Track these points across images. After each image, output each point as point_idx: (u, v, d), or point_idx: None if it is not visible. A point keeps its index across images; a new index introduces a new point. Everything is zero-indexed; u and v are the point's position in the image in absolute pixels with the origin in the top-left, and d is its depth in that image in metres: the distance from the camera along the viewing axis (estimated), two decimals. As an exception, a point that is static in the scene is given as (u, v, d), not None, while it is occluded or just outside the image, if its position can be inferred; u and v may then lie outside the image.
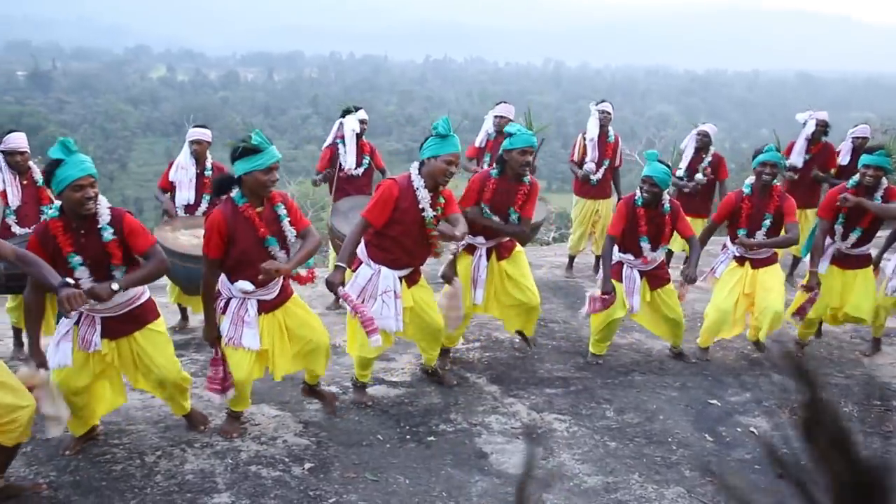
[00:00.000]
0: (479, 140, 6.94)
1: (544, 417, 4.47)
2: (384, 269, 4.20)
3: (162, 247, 4.84)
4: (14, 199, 4.97)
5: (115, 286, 3.38)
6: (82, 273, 3.43)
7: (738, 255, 5.33)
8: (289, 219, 3.78)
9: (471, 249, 4.88)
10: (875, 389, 5.08)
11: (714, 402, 4.88)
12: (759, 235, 5.18)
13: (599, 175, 7.21)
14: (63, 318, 3.59)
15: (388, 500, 3.49)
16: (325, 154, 6.33)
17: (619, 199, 7.35)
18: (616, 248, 5.08)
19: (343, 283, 3.97)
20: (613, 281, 5.06)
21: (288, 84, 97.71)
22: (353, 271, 4.29)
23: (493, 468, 3.86)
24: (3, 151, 4.96)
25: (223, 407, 4.36)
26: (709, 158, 7.08)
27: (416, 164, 4.17)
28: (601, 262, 5.17)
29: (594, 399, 4.78)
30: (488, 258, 4.87)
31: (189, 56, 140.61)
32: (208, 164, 5.76)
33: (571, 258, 7.88)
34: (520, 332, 5.31)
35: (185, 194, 5.64)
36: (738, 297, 5.31)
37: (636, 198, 4.95)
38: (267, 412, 4.31)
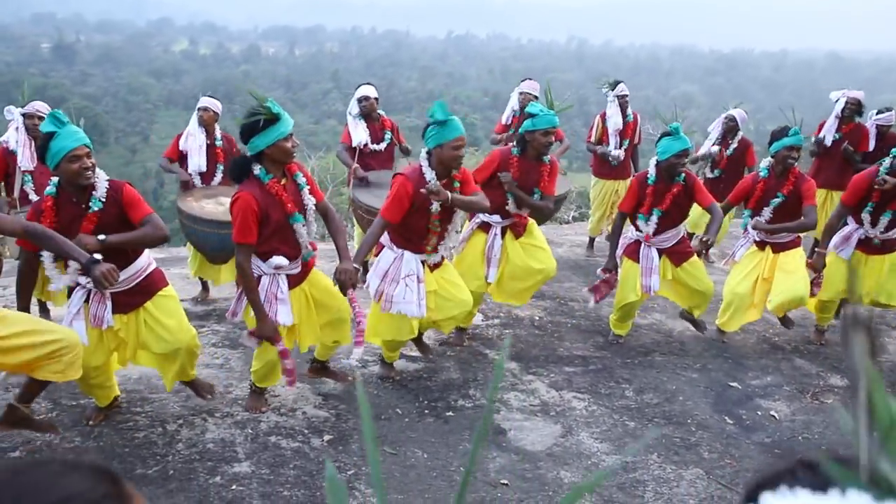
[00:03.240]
0: (506, 117, 6.91)
1: (563, 395, 4.47)
2: (407, 254, 4.19)
3: (191, 216, 4.90)
4: (26, 161, 5.01)
5: (101, 237, 3.35)
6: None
7: (758, 239, 5.25)
8: (308, 188, 3.76)
9: (485, 227, 4.86)
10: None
11: (734, 384, 4.85)
12: (766, 213, 5.07)
13: (621, 155, 7.14)
14: (73, 294, 3.56)
15: (406, 474, 3.51)
16: (349, 127, 6.30)
17: None
18: (632, 228, 5.05)
19: (354, 285, 3.81)
20: (630, 261, 5.03)
21: (309, 58, 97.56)
22: (376, 255, 4.29)
23: (511, 444, 3.87)
24: (23, 114, 5.01)
25: (242, 378, 4.40)
26: (734, 144, 6.95)
27: (424, 155, 4.11)
28: (612, 237, 5.12)
29: (613, 378, 4.77)
30: (503, 237, 4.85)
31: (211, 29, 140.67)
32: (217, 133, 5.79)
33: (591, 239, 7.84)
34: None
35: (196, 160, 5.65)
36: (756, 281, 5.22)
37: (649, 176, 4.89)
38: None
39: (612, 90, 7.01)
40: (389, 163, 6.31)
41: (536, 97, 6.67)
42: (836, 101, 6.85)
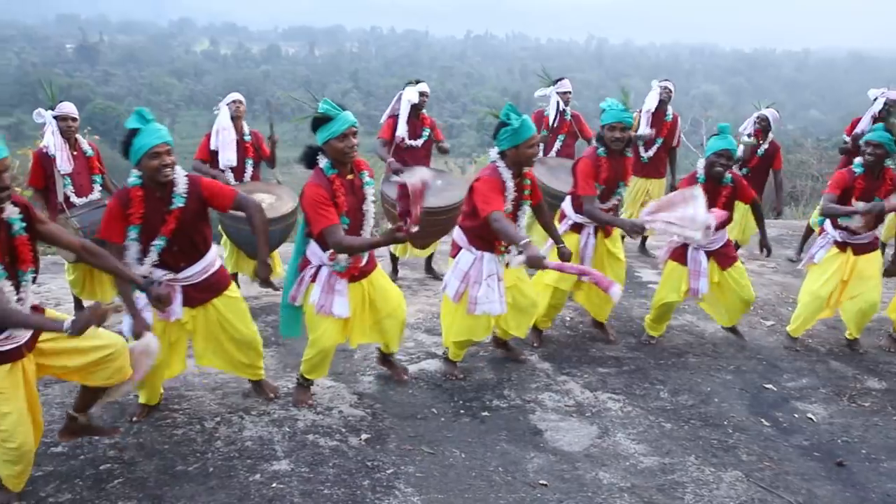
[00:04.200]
0: (552, 119, 6.88)
1: (598, 396, 4.44)
2: (486, 255, 4.23)
3: (231, 214, 4.97)
4: (65, 164, 5.06)
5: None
6: (160, 242, 3.48)
7: (839, 240, 5.13)
8: (372, 186, 3.81)
9: (578, 228, 4.90)
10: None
11: (770, 386, 4.80)
12: (857, 218, 4.97)
13: (651, 153, 7.08)
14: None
15: (445, 473, 3.51)
16: (388, 123, 6.32)
17: (672, 181, 7.27)
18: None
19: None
20: (677, 264, 5.01)
21: (329, 58, 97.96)
22: (453, 258, 4.35)
23: (548, 445, 3.85)
24: (55, 117, 5.05)
25: (276, 376, 4.42)
26: (765, 145, 6.89)
27: (496, 156, 4.15)
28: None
29: (648, 380, 4.74)
30: (595, 236, 4.90)
31: (232, 30, 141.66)
32: (245, 129, 5.86)
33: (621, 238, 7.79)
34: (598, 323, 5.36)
35: (228, 154, 5.70)
36: (837, 284, 5.15)
37: (698, 175, 4.85)
38: (321, 382, 4.35)
39: (660, 82, 7.02)
40: (426, 160, 6.32)
41: (571, 93, 6.73)
42: (875, 99, 6.76)
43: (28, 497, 3.19)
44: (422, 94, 6.29)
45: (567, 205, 5.03)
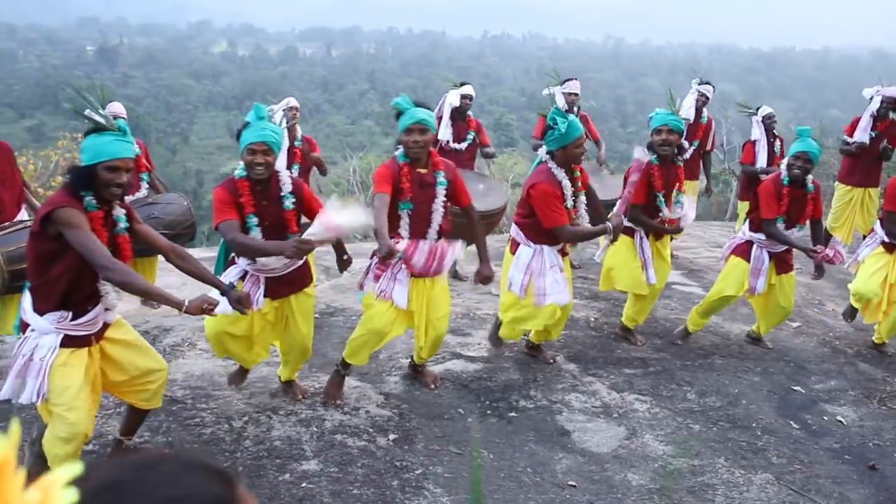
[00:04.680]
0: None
1: (625, 397, 4.42)
2: (546, 247, 4.30)
3: None
4: None
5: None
6: (256, 234, 3.56)
7: (887, 240, 5.15)
8: (445, 188, 3.86)
9: (630, 231, 4.88)
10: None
11: (798, 388, 4.76)
12: None
13: (686, 155, 7.00)
14: (230, 268, 3.72)
15: (473, 474, 3.50)
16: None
17: (707, 183, 7.25)
18: (746, 225, 5.04)
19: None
20: (740, 260, 4.99)
21: (346, 59, 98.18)
22: (513, 254, 4.41)
23: (576, 446, 3.84)
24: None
25: (303, 377, 4.43)
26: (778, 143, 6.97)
27: (546, 156, 4.23)
28: (783, 240, 4.83)
29: (674, 381, 4.71)
30: (648, 237, 4.90)
31: (250, 31, 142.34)
32: (298, 134, 5.74)
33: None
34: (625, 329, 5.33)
35: (280, 163, 5.68)
36: (885, 279, 5.15)
37: (783, 177, 4.81)
38: (348, 382, 4.35)
39: (698, 84, 6.97)
40: (470, 163, 6.29)
41: (579, 96, 6.65)
42: (871, 98, 6.74)
43: None
44: (464, 96, 6.24)
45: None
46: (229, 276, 3.69)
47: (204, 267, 3.29)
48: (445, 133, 6.13)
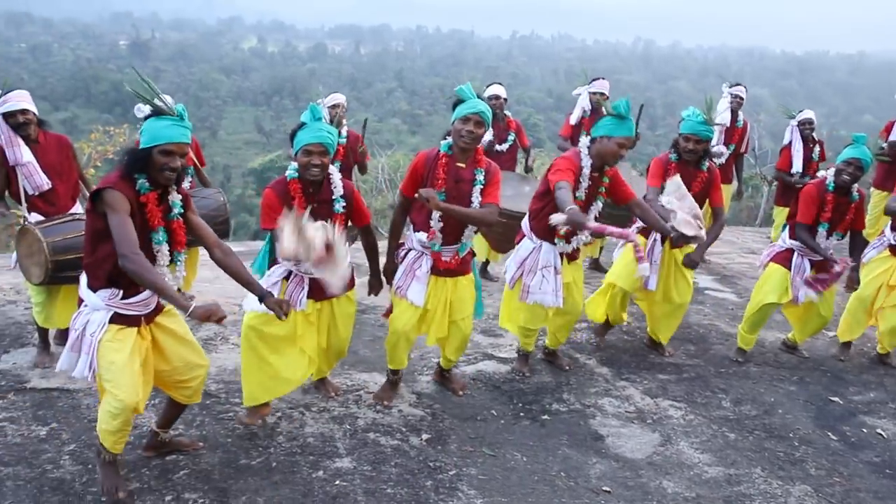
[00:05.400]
0: (575, 118, 6.68)
1: (659, 403, 4.37)
2: (545, 245, 4.23)
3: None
4: None
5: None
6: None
7: (894, 243, 5.05)
8: (481, 187, 3.77)
9: (645, 232, 4.79)
10: None
11: (835, 399, 4.67)
12: None
13: (723, 160, 6.91)
14: (273, 268, 3.69)
15: (507, 476, 3.48)
16: None
17: (739, 187, 7.14)
18: (786, 232, 4.96)
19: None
20: (780, 267, 4.90)
21: (374, 57, 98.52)
22: (517, 243, 4.38)
23: (610, 451, 3.79)
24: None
25: (335, 374, 4.43)
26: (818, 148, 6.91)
27: (587, 141, 4.14)
28: (809, 245, 4.73)
29: (709, 388, 4.65)
30: (663, 243, 4.77)
31: (279, 28, 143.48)
32: (343, 131, 5.69)
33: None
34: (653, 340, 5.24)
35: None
36: (881, 286, 5.05)
37: (828, 182, 4.73)
38: (380, 380, 4.35)
39: (729, 87, 6.86)
40: (511, 164, 6.22)
41: (608, 96, 6.55)
42: None
43: (97, 484, 3.24)
44: (490, 97, 6.06)
45: None
46: (274, 275, 3.66)
47: (245, 268, 3.25)
48: (487, 136, 6.05)
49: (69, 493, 3.19)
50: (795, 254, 4.87)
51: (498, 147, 6.12)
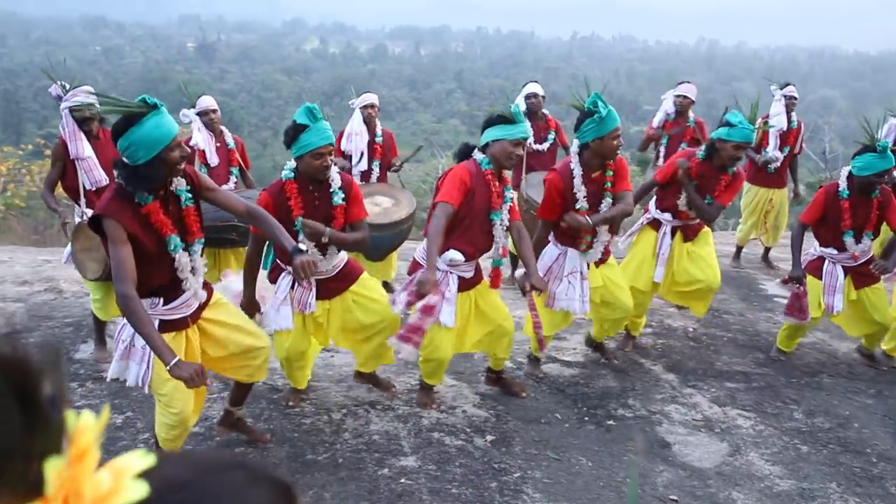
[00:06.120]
0: (657, 120, 6.60)
1: (727, 412, 4.27)
2: (570, 251, 4.18)
3: None
4: (213, 157, 5.28)
5: (326, 230, 3.51)
6: (303, 238, 3.56)
7: None
8: (510, 205, 3.80)
9: (656, 225, 4.73)
10: None
11: (917, 414, 4.49)
12: None
13: (778, 164, 6.73)
14: (279, 280, 3.70)
15: (572, 481, 3.45)
16: None
17: (795, 189, 6.93)
18: (816, 242, 4.76)
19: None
20: (812, 278, 4.74)
21: (434, 58, 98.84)
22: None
23: (677, 459, 3.73)
24: (197, 113, 5.25)
25: (400, 372, 4.47)
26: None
27: (576, 149, 4.05)
28: (793, 246, 4.74)
29: (780, 398, 4.52)
30: (672, 237, 4.70)
31: (341, 29, 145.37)
32: (378, 130, 5.81)
33: (739, 248, 7.47)
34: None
35: (361, 161, 5.75)
36: None
37: (841, 189, 4.57)
38: (444, 381, 4.36)
39: (781, 89, 6.64)
40: (552, 164, 6.20)
41: (693, 101, 6.44)
42: None
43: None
44: (528, 96, 6.07)
45: (651, 200, 4.87)
46: (282, 288, 3.67)
47: (280, 228, 3.15)
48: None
49: (144, 481, 3.29)
50: (826, 261, 4.70)
51: (537, 146, 6.09)
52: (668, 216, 4.68)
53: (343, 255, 3.77)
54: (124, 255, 2.73)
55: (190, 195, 2.96)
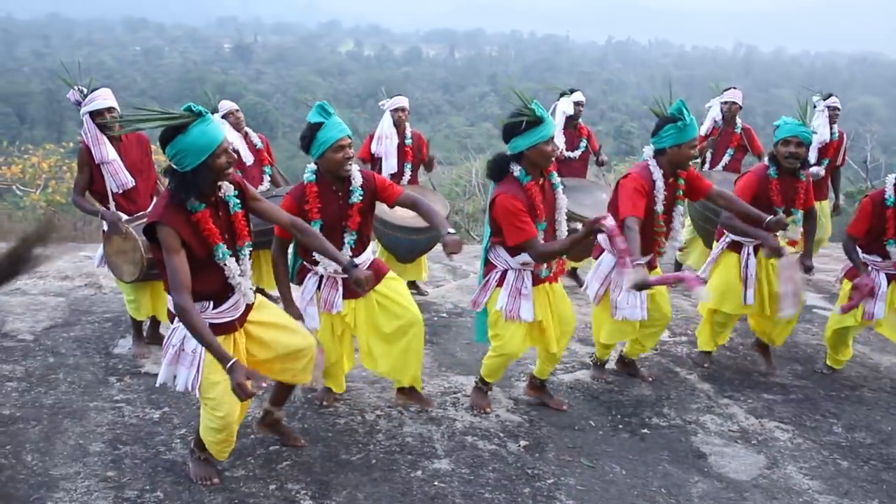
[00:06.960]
0: (705, 128, 6.53)
1: (764, 424, 4.20)
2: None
3: (382, 220, 5.06)
4: (248, 156, 5.35)
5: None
6: (352, 236, 3.60)
7: None
8: (562, 187, 3.77)
9: (736, 247, 4.62)
10: None
11: (961, 432, 4.37)
12: None
13: (820, 177, 6.60)
14: (305, 281, 3.73)
15: (606, 489, 3.42)
16: None
17: (836, 201, 6.80)
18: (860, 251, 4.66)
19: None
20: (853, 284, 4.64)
21: (468, 61, 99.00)
22: (596, 259, 4.26)
23: (712, 470, 3.67)
24: (223, 116, 5.31)
25: (431, 374, 4.47)
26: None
27: (650, 153, 4.02)
28: (850, 257, 4.62)
29: (818, 411, 4.43)
30: (755, 254, 4.58)
31: (376, 31, 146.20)
32: (408, 132, 5.86)
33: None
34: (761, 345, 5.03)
35: (391, 163, 5.79)
36: None
37: (887, 196, 4.48)
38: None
39: (825, 100, 6.52)
40: (582, 171, 6.20)
41: (741, 106, 6.39)
42: None
43: (208, 470, 3.38)
44: (576, 103, 6.18)
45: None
46: (308, 288, 3.71)
47: (326, 241, 3.22)
48: (559, 141, 6.03)
49: (180, 476, 3.33)
50: (868, 269, 4.60)
51: (569, 153, 6.09)
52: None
53: (369, 254, 3.78)
54: (179, 264, 2.79)
55: (238, 200, 3.02)
